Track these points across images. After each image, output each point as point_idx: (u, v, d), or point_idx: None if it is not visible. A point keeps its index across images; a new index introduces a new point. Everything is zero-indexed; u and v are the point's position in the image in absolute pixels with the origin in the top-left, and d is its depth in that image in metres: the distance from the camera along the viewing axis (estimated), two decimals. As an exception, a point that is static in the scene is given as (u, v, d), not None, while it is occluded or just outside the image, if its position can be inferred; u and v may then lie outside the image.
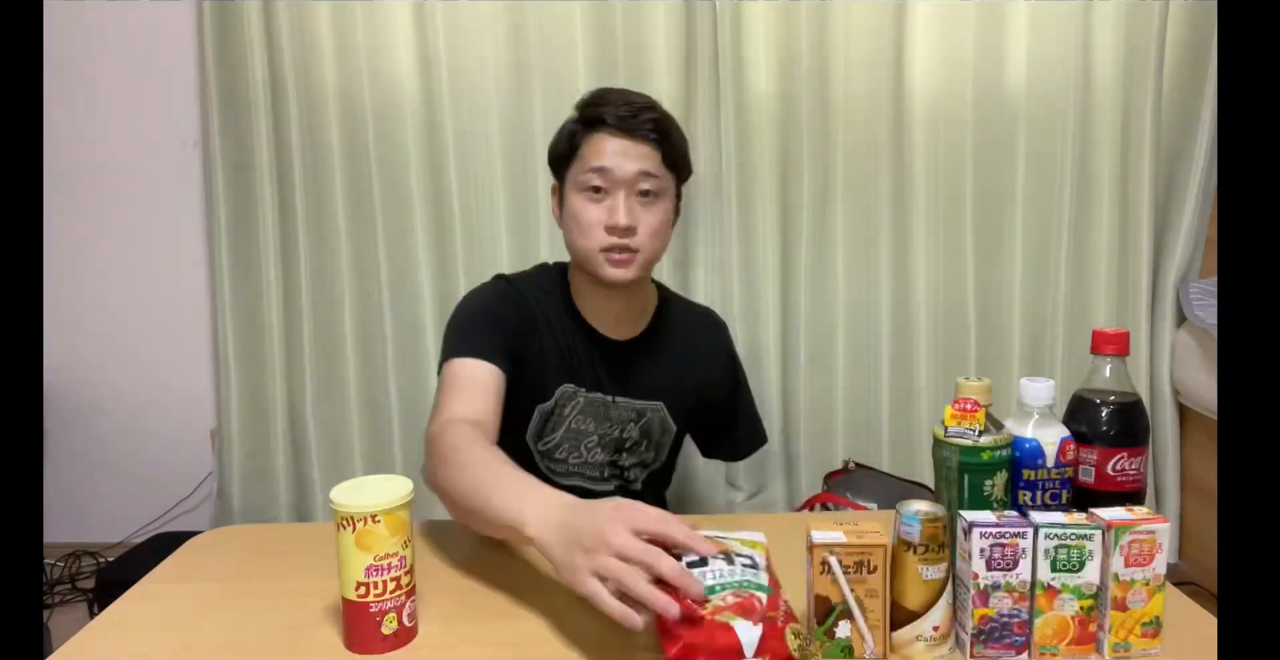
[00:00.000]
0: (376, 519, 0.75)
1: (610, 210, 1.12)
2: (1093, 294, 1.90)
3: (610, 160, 1.12)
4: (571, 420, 1.23)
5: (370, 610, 0.76)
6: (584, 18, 1.83)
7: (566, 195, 1.18)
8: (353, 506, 0.75)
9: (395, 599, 0.77)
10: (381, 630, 0.76)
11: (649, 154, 1.14)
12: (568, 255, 1.22)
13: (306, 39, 1.84)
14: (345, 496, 0.76)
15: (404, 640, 0.78)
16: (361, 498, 0.75)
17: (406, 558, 0.77)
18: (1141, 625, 0.74)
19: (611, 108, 1.14)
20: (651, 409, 1.27)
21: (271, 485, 1.99)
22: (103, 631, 0.82)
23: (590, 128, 1.15)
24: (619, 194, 1.12)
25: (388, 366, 1.94)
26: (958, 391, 0.83)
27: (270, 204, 1.91)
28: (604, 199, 1.13)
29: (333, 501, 0.76)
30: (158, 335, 2.09)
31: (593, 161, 1.13)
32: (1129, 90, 1.81)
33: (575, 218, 1.15)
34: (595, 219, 1.13)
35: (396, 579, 0.76)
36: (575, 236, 1.16)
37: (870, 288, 1.90)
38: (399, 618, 0.77)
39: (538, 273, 1.29)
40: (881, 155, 1.85)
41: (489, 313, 1.19)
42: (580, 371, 1.22)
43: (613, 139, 1.13)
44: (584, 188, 1.13)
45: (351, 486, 0.79)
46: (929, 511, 0.73)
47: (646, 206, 1.14)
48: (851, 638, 0.74)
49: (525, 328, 1.19)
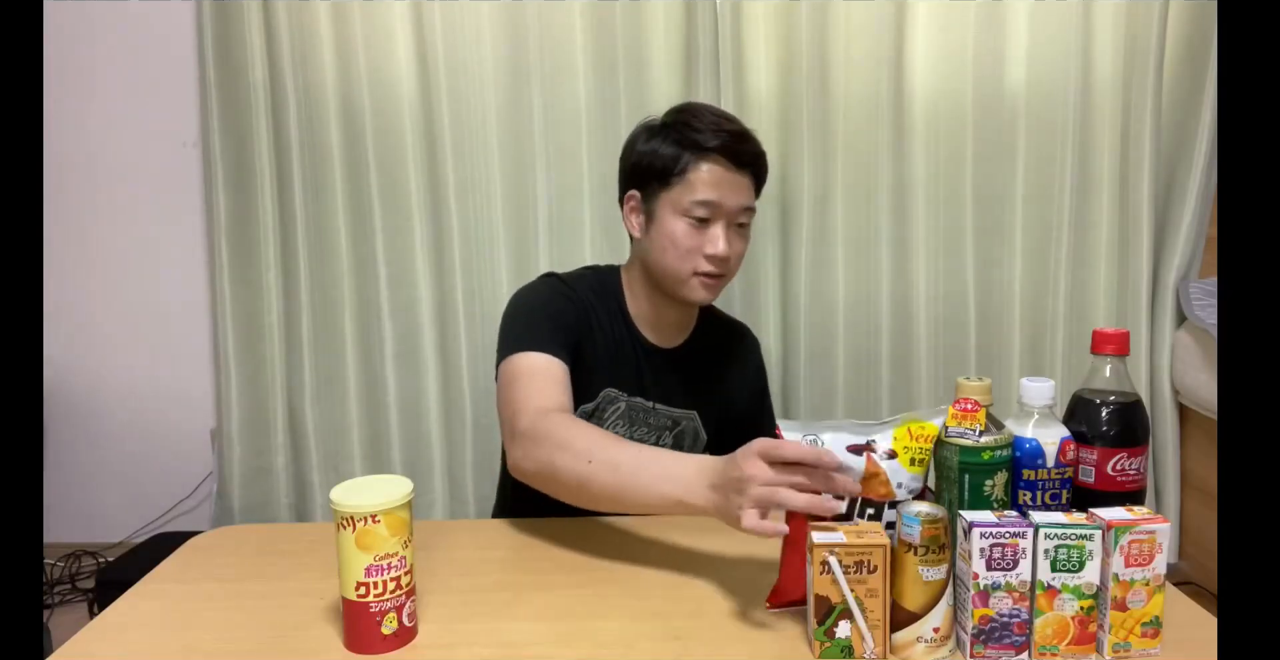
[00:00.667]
0: (376, 519, 0.75)
1: (712, 240, 1.14)
2: (1093, 294, 1.90)
3: (719, 194, 1.14)
4: (610, 423, 1.23)
5: (370, 610, 0.76)
6: (584, 17, 1.83)
7: (660, 213, 1.17)
8: (352, 506, 0.74)
9: (395, 599, 0.77)
10: (382, 630, 0.76)
11: (750, 187, 1.18)
12: (566, 256, 1.22)
13: (306, 39, 1.84)
14: (345, 496, 0.76)
15: (404, 640, 0.78)
16: (361, 498, 0.75)
17: (406, 558, 0.77)
18: (1141, 625, 0.74)
19: (722, 135, 1.14)
20: (687, 418, 1.28)
21: (271, 485, 1.99)
22: (103, 631, 0.82)
23: (700, 155, 1.14)
24: (720, 224, 1.15)
25: (387, 366, 1.94)
26: (958, 391, 0.83)
27: (270, 204, 1.91)
28: (705, 228, 1.15)
29: (332, 501, 0.76)
30: (158, 335, 2.09)
31: (703, 194, 1.14)
32: (1129, 90, 1.81)
33: (674, 241, 1.15)
34: (696, 246, 1.15)
35: (396, 579, 0.76)
36: (670, 257, 1.16)
37: (870, 287, 1.90)
38: (399, 617, 0.77)
39: (589, 274, 1.29)
40: (881, 154, 1.85)
41: (549, 308, 1.18)
42: (625, 376, 1.23)
43: (723, 172, 1.14)
44: (687, 214, 1.15)
45: (351, 486, 0.78)
46: (929, 512, 0.73)
47: (739, 235, 1.18)
48: (851, 638, 0.74)
49: (580, 326, 1.19)
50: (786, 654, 0.77)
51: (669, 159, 1.16)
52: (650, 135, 1.19)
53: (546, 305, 1.19)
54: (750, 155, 1.17)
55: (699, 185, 1.14)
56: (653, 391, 1.25)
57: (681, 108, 1.21)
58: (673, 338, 1.28)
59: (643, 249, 1.21)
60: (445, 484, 1.94)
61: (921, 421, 0.81)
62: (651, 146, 1.18)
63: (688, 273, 1.16)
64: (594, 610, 0.84)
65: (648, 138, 1.20)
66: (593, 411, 1.22)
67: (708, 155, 1.14)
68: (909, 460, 0.80)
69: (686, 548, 0.98)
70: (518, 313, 1.19)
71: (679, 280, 1.17)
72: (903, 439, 0.81)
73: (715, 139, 1.14)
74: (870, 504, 0.81)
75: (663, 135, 1.18)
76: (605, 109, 1.85)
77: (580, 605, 0.85)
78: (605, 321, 1.23)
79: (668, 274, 1.18)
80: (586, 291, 1.23)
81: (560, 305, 1.19)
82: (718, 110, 1.20)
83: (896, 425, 0.81)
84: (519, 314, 1.19)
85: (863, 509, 0.81)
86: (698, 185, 1.14)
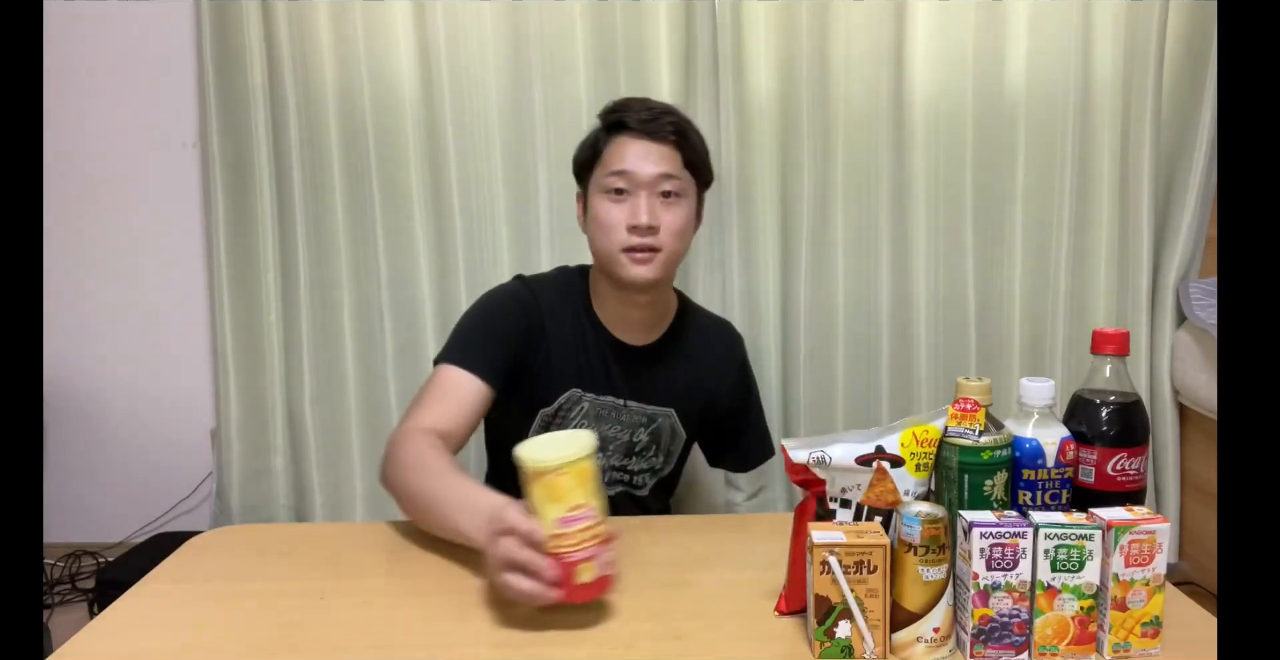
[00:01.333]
0: (562, 472, 0.77)
1: (632, 210, 1.14)
2: (1093, 294, 1.90)
3: (631, 163, 1.15)
4: (576, 423, 1.23)
5: (567, 560, 0.78)
6: (584, 17, 1.83)
7: (590, 199, 1.20)
8: (538, 461, 0.77)
9: (591, 549, 0.78)
10: (579, 578, 0.78)
11: (670, 155, 1.17)
12: (568, 256, 1.23)
13: (305, 39, 1.84)
14: (531, 452, 0.78)
15: (602, 588, 0.80)
16: (546, 452, 0.78)
17: (595, 508, 0.79)
18: (1141, 625, 0.74)
19: (632, 113, 1.17)
20: (663, 415, 1.28)
21: (271, 485, 1.99)
22: (103, 631, 0.82)
23: (612, 132, 1.18)
24: (641, 194, 1.15)
25: (387, 367, 1.93)
26: (958, 391, 0.83)
27: (269, 204, 1.91)
28: (626, 200, 1.15)
29: (519, 458, 0.78)
30: (157, 335, 2.09)
31: (614, 165, 1.15)
32: (1129, 90, 1.81)
33: (597, 219, 1.17)
34: (617, 219, 1.15)
35: (589, 528, 0.78)
36: (598, 237, 1.18)
37: (870, 286, 1.90)
38: (595, 566, 0.79)
39: (557, 275, 1.31)
40: (881, 154, 1.85)
41: (493, 323, 1.20)
42: (592, 376, 1.23)
43: (634, 142, 1.16)
44: (607, 190, 1.16)
45: (537, 443, 0.81)
46: (929, 512, 0.73)
47: (668, 207, 1.16)
48: (851, 638, 0.74)
49: (531, 335, 1.20)
50: (786, 654, 0.77)
51: (590, 144, 1.21)
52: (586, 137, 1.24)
53: (492, 319, 1.21)
54: (667, 125, 1.17)
55: (612, 159, 1.16)
56: (624, 389, 1.25)
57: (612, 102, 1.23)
58: (643, 335, 1.26)
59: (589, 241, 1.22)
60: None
61: (925, 425, 0.81)
62: (583, 142, 1.23)
63: (616, 249, 1.16)
64: (594, 610, 0.84)
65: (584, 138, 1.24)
66: (554, 413, 1.23)
67: (620, 130, 1.17)
68: (915, 466, 0.81)
69: (686, 548, 0.98)
70: (466, 319, 1.23)
71: (612, 260, 1.17)
72: (909, 444, 0.81)
73: (629, 116, 1.16)
74: (877, 512, 0.81)
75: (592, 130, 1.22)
76: (605, 109, 1.85)
77: (580, 605, 0.85)
78: (569, 323, 1.23)
79: (601, 256, 1.19)
80: (550, 294, 1.24)
81: (508, 316, 1.21)
82: (650, 100, 1.22)
83: (901, 430, 0.81)
84: (466, 321, 1.23)
85: (871, 516, 0.81)
86: (611, 159, 1.16)
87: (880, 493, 0.80)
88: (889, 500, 0.80)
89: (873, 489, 0.80)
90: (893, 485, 0.80)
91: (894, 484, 0.80)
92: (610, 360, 1.24)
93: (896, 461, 0.80)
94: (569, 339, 1.22)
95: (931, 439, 0.81)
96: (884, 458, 0.80)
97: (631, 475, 1.29)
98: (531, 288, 1.25)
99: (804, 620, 0.80)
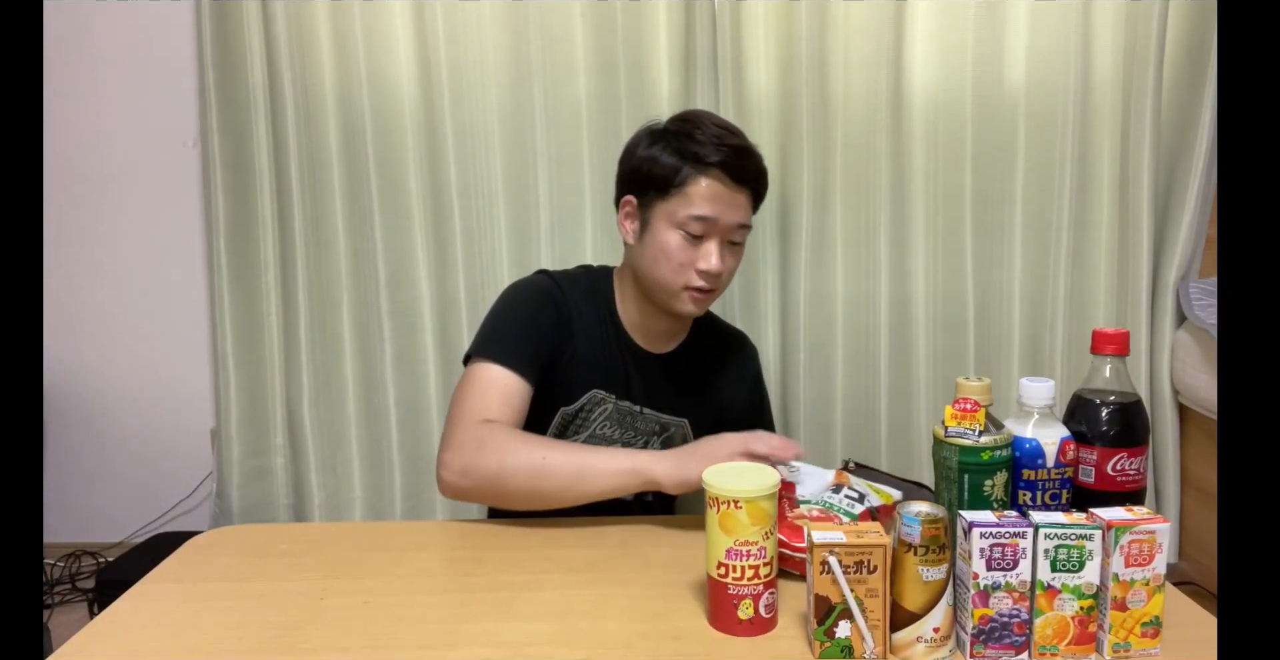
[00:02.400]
0: (739, 505, 0.77)
1: (706, 256, 1.14)
2: (1093, 294, 1.90)
3: (716, 210, 1.13)
4: (597, 425, 1.23)
5: (728, 592, 0.78)
6: (584, 17, 1.83)
7: (655, 223, 1.17)
8: (719, 488, 0.78)
9: (752, 587, 0.78)
10: (739, 614, 0.78)
11: (747, 205, 1.18)
12: (567, 256, 1.23)
13: (305, 38, 1.84)
14: (716, 478, 0.79)
15: (760, 629, 0.80)
16: (729, 481, 0.78)
17: (767, 549, 0.79)
18: (1141, 625, 0.74)
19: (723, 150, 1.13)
20: (675, 424, 1.28)
21: (270, 486, 1.99)
22: (103, 631, 0.82)
23: (700, 169, 1.13)
24: (714, 240, 1.15)
25: (386, 367, 1.93)
26: (958, 391, 0.83)
27: (269, 204, 1.91)
28: (699, 243, 1.15)
29: (704, 481, 0.80)
30: (157, 335, 2.09)
31: (699, 209, 1.13)
32: (1129, 89, 1.80)
33: (667, 253, 1.15)
34: (689, 260, 1.15)
35: (755, 568, 0.78)
36: (661, 266, 1.16)
37: (869, 286, 1.90)
38: (755, 606, 0.79)
39: (582, 275, 1.29)
40: (881, 153, 1.85)
41: (529, 315, 1.19)
42: (613, 378, 1.23)
43: (721, 188, 1.13)
44: (682, 227, 1.14)
45: (726, 470, 0.82)
46: (929, 512, 0.73)
47: (733, 252, 1.18)
48: (851, 638, 0.74)
49: (561, 331, 1.19)
50: (786, 654, 0.77)
51: (668, 169, 1.14)
52: (652, 141, 1.18)
53: (526, 312, 1.19)
54: (751, 173, 1.17)
55: (696, 200, 1.13)
56: (640, 396, 1.25)
57: (685, 116, 1.20)
58: (663, 344, 1.27)
59: (635, 256, 1.21)
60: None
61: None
62: (652, 154, 1.17)
63: (678, 286, 1.16)
64: (594, 610, 0.84)
65: (649, 143, 1.19)
66: (576, 413, 1.22)
67: (708, 170, 1.13)
68: None
69: (686, 548, 0.98)
70: (499, 313, 1.21)
71: (669, 292, 1.17)
72: None
73: (717, 154, 1.13)
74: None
75: (664, 143, 1.17)
76: (605, 108, 1.85)
77: (580, 605, 0.85)
78: (593, 324, 1.23)
79: (658, 285, 1.18)
80: (577, 293, 1.23)
81: (542, 311, 1.19)
82: (721, 121, 1.19)
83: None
84: (500, 315, 1.20)
85: None
86: (695, 200, 1.13)
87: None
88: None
89: None
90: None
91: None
92: (630, 366, 1.24)
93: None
94: (593, 339, 1.22)
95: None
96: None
97: None
98: (559, 283, 1.23)
99: (802, 620, 0.80)
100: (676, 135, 1.16)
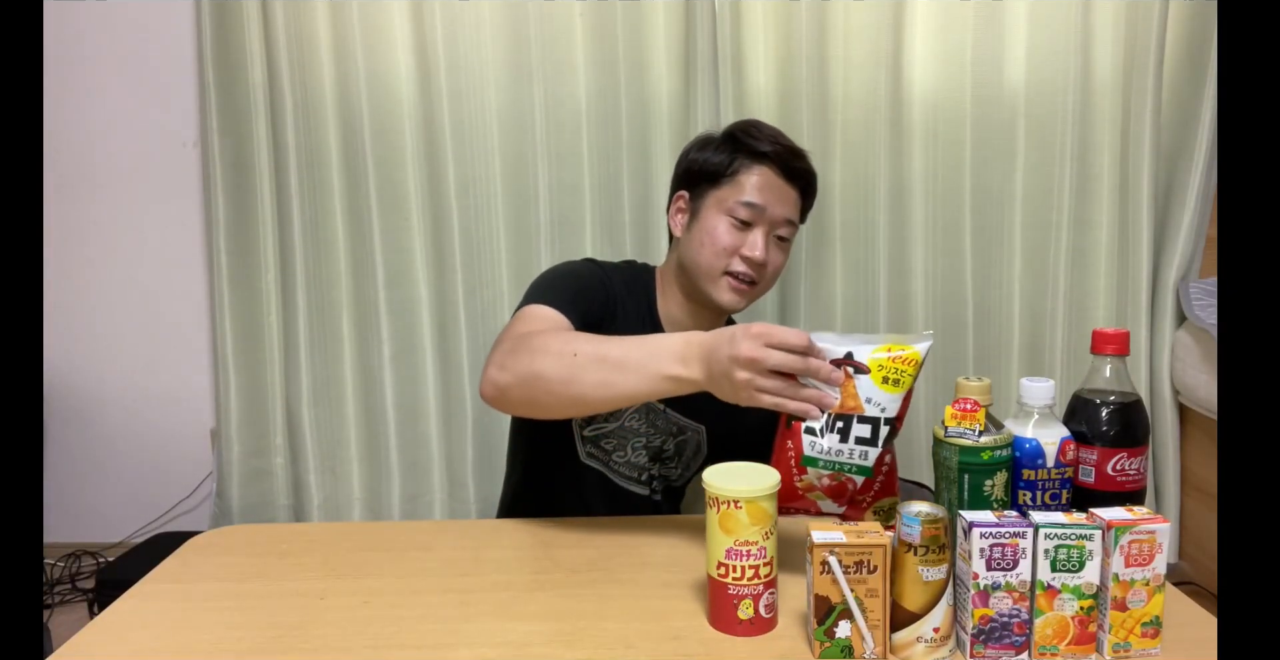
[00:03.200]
0: (739, 505, 0.77)
1: (751, 243, 1.17)
2: (1093, 294, 1.90)
3: (765, 198, 1.17)
4: (627, 417, 1.24)
5: (728, 592, 0.78)
6: (584, 17, 1.83)
7: (704, 211, 1.20)
8: (719, 489, 0.78)
9: (753, 587, 0.78)
10: (738, 614, 0.79)
11: (796, 202, 1.22)
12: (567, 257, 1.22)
13: (304, 38, 1.84)
14: (716, 478, 0.79)
15: (761, 629, 0.80)
16: (729, 481, 0.78)
17: (767, 549, 0.79)
18: (1141, 625, 0.74)
19: (777, 146, 1.19)
20: (692, 429, 1.28)
21: (270, 486, 1.99)
22: (103, 631, 0.82)
23: (753, 159, 1.18)
24: (760, 229, 1.18)
25: (384, 367, 1.93)
26: (958, 391, 0.83)
27: (269, 204, 1.91)
28: (746, 231, 1.18)
29: (704, 481, 0.79)
30: (157, 335, 2.09)
31: (749, 195, 1.17)
32: (1129, 90, 1.80)
33: (713, 237, 1.17)
34: (734, 245, 1.17)
35: (755, 568, 0.78)
36: (706, 253, 1.18)
37: (868, 286, 1.90)
38: (755, 606, 0.79)
39: (626, 268, 1.31)
40: (880, 153, 1.85)
41: (579, 280, 1.20)
42: None
43: (773, 178, 1.18)
44: (731, 213, 1.17)
45: (725, 470, 0.81)
46: (930, 512, 0.73)
47: (778, 248, 1.21)
48: (851, 638, 0.74)
49: (606, 310, 1.20)
50: (786, 654, 0.77)
51: (723, 161, 1.20)
52: (705, 145, 1.24)
53: (579, 276, 1.21)
54: (802, 171, 1.21)
55: (747, 187, 1.17)
56: None
57: (743, 122, 1.25)
58: None
59: (681, 246, 1.24)
60: (445, 484, 1.94)
61: (904, 344, 0.84)
62: (706, 154, 1.22)
63: (719, 270, 1.18)
64: (594, 610, 0.84)
65: (702, 147, 1.24)
66: None
67: (761, 160, 1.18)
68: (881, 378, 0.83)
69: (686, 548, 0.98)
70: (547, 277, 1.21)
71: (710, 277, 1.19)
72: (879, 356, 0.83)
73: (770, 147, 1.18)
74: (840, 418, 0.84)
75: (718, 143, 1.22)
76: (605, 108, 1.85)
77: (580, 605, 0.85)
78: (632, 315, 1.24)
79: (700, 269, 1.19)
80: (620, 283, 1.24)
81: (591, 283, 1.20)
82: (779, 130, 1.23)
83: (877, 344, 0.84)
84: (548, 278, 1.21)
85: (832, 423, 0.84)
86: (746, 187, 1.17)
87: (843, 398, 0.84)
88: (849, 406, 0.83)
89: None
90: (853, 390, 0.83)
91: (855, 389, 0.83)
92: None
93: (861, 369, 0.84)
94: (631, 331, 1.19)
95: (907, 357, 0.83)
96: (850, 363, 0.84)
97: (652, 478, 1.29)
98: (606, 271, 1.25)
99: (802, 620, 0.80)
100: (732, 134, 1.21)
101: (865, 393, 0.83)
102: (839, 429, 0.84)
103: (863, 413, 0.83)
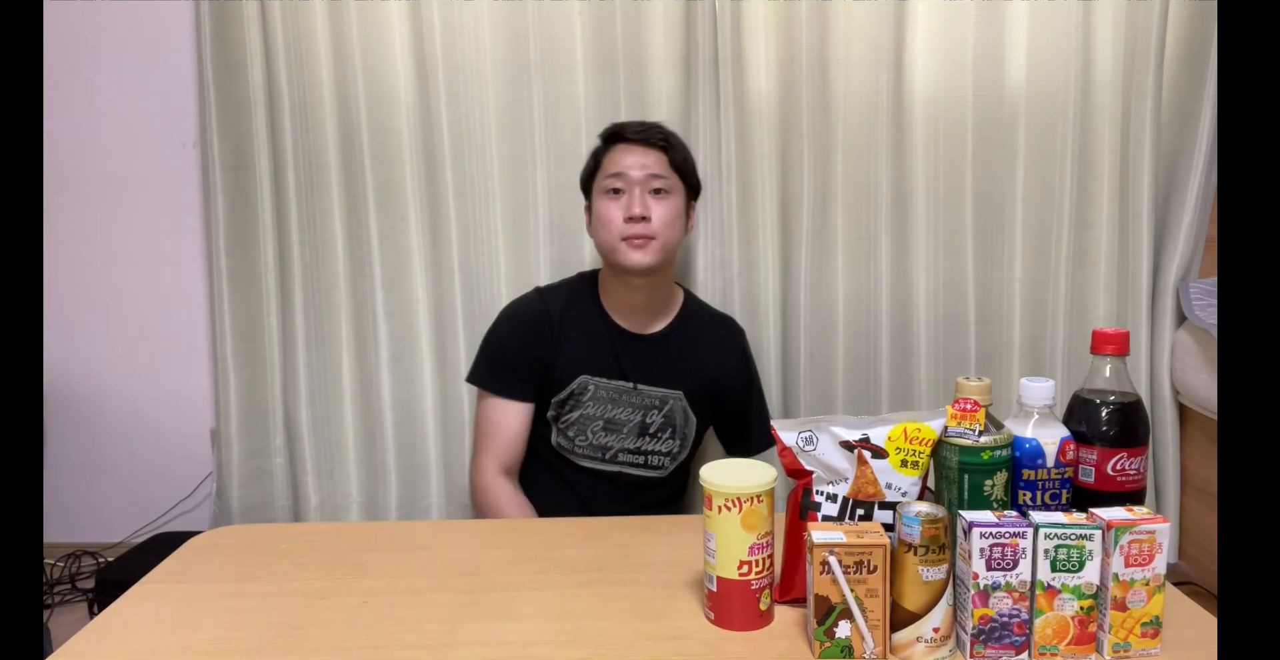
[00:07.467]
0: (760, 499, 0.78)
1: (627, 205, 1.33)
2: (1093, 294, 1.90)
3: (626, 165, 1.35)
4: (586, 407, 1.40)
5: (751, 588, 0.79)
6: (583, 17, 1.83)
7: (594, 204, 1.40)
8: (737, 487, 0.78)
9: (770, 576, 0.80)
10: (759, 607, 0.80)
11: (659, 159, 1.37)
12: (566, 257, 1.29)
13: (303, 39, 1.84)
14: (725, 478, 0.79)
15: (771, 617, 0.81)
16: (738, 479, 0.78)
17: (774, 536, 0.81)
18: (1141, 625, 0.74)
19: (627, 127, 1.40)
20: (673, 397, 1.42)
21: (270, 486, 1.99)
22: (103, 631, 0.82)
23: (609, 143, 1.41)
24: (635, 191, 1.34)
25: (382, 368, 1.93)
26: (958, 391, 0.83)
27: (268, 205, 1.90)
28: (622, 198, 1.34)
29: (712, 483, 0.79)
30: (157, 335, 2.08)
31: (611, 169, 1.36)
32: (1129, 90, 1.80)
33: (599, 216, 1.36)
34: (615, 214, 1.34)
35: (769, 556, 0.80)
36: (601, 232, 1.36)
37: (870, 287, 1.90)
38: (771, 594, 0.81)
39: (572, 280, 1.48)
40: (881, 154, 1.85)
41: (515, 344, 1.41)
42: (601, 363, 1.39)
43: (629, 148, 1.37)
44: (606, 191, 1.36)
45: (718, 469, 0.81)
46: (929, 512, 0.73)
47: (659, 201, 1.35)
48: (851, 638, 0.74)
49: (544, 340, 1.39)
50: (786, 654, 0.77)
51: (591, 158, 1.43)
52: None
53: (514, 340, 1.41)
54: (657, 134, 1.39)
55: (609, 165, 1.37)
56: (633, 374, 1.40)
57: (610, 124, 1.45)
58: (649, 323, 1.42)
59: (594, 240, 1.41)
60: (442, 486, 1.94)
61: (919, 423, 0.81)
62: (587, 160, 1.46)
63: (616, 239, 1.33)
64: (594, 610, 0.84)
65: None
66: (565, 399, 1.40)
67: (612, 140, 1.40)
68: (899, 462, 0.81)
69: (686, 548, 0.98)
70: (491, 340, 1.45)
71: (613, 249, 1.34)
72: (896, 439, 0.81)
73: (624, 129, 1.39)
74: (860, 505, 0.81)
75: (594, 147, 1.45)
76: (605, 109, 1.85)
77: (580, 605, 0.85)
78: (581, 318, 1.40)
79: (604, 248, 1.37)
80: (562, 298, 1.42)
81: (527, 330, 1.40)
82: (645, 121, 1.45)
83: (893, 425, 0.81)
84: (492, 342, 1.45)
85: (852, 511, 0.82)
86: (608, 165, 1.38)
87: (861, 484, 0.81)
88: (868, 492, 0.81)
89: (855, 480, 0.81)
90: (872, 476, 0.81)
91: (874, 475, 0.81)
92: (619, 348, 1.39)
93: (879, 453, 0.81)
94: (580, 332, 1.39)
95: (924, 438, 0.81)
96: (866, 447, 0.81)
97: (647, 456, 1.42)
98: (545, 297, 1.44)
99: (802, 620, 0.80)
100: (601, 136, 1.44)
101: (884, 477, 0.81)
102: (860, 517, 0.81)
103: (883, 499, 0.81)
